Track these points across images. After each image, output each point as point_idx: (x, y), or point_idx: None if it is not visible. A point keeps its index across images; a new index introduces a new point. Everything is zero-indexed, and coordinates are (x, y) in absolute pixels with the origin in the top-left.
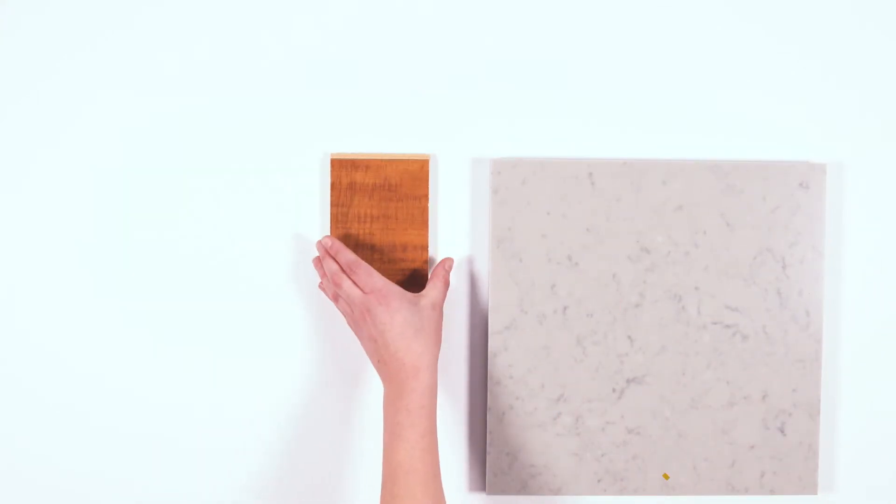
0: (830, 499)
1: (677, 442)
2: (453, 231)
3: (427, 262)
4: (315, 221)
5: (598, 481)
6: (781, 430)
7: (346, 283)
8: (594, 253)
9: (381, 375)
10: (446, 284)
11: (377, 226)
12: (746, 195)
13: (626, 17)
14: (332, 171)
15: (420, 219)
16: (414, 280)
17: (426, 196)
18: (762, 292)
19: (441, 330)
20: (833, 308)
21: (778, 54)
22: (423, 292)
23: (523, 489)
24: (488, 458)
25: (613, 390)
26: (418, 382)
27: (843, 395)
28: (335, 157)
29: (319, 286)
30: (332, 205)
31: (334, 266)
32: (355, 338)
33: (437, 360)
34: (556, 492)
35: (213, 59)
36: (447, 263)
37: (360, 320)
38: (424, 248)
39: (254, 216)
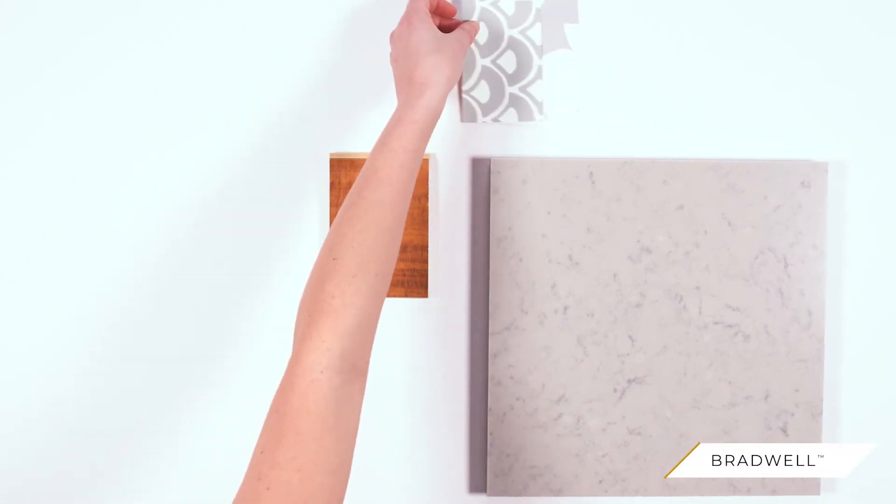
0: (833, 499)
1: (679, 442)
2: (453, 231)
3: (427, 262)
4: (314, 221)
5: (600, 482)
6: (784, 431)
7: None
8: (594, 253)
9: (397, 99)
10: (471, 36)
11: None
12: (747, 194)
13: (627, 16)
14: (331, 171)
15: (420, 219)
16: (414, 280)
17: (426, 196)
18: (763, 292)
19: (460, 62)
20: (835, 307)
21: (778, 53)
22: (452, 32)
23: (524, 490)
24: (489, 459)
25: (614, 390)
26: (420, 99)
27: (845, 394)
28: (334, 157)
29: None
30: (332, 205)
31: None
32: None
33: (447, 86)
34: (558, 493)
35: (213, 59)
36: (473, 22)
37: (391, 45)
38: (424, 248)
39: (253, 216)
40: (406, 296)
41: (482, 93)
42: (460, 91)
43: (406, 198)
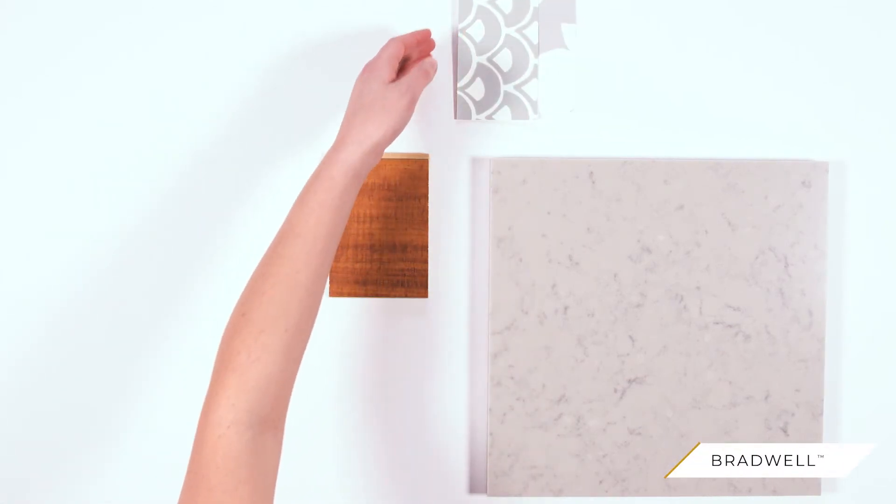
0: (833, 499)
1: (679, 442)
2: (453, 231)
3: (427, 262)
4: None
5: (600, 482)
6: (784, 431)
7: None
8: (595, 252)
9: None
10: (426, 76)
11: (377, 226)
12: (748, 194)
13: (625, 16)
14: None
15: (420, 219)
16: (414, 280)
17: (426, 196)
18: (764, 292)
19: (397, 116)
20: (835, 307)
21: (779, 53)
22: (401, 79)
23: (524, 491)
24: (489, 459)
25: (615, 390)
26: (339, 154)
27: (845, 394)
28: None
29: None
30: None
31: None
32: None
33: (368, 143)
34: (558, 493)
35: (213, 59)
36: (430, 60)
37: None
38: (424, 248)
39: (253, 216)
40: (406, 296)
41: (477, 90)
42: (455, 88)
43: (325, 253)
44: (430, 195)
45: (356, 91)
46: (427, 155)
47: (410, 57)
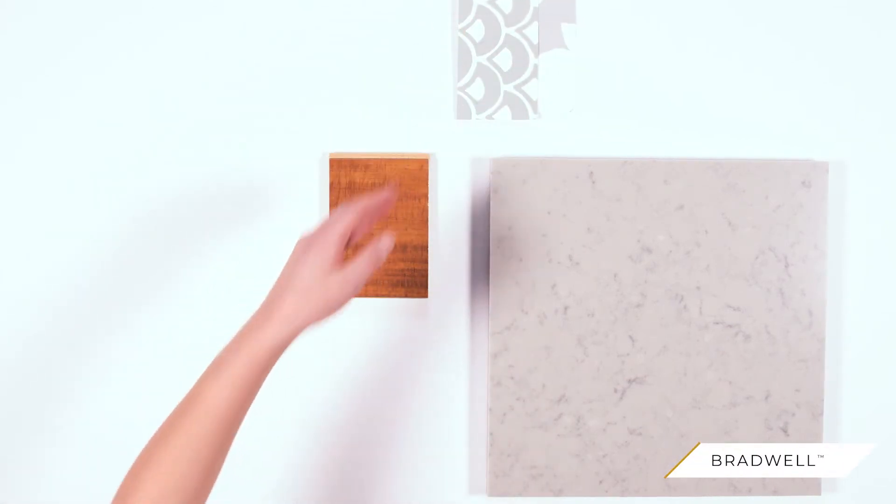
0: (833, 499)
1: (679, 442)
2: (453, 231)
3: (427, 262)
4: (314, 221)
5: (600, 482)
6: (784, 431)
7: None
8: (595, 252)
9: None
10: (374, 264)
11: (377, 226)
12: (748, 194)
13: (626, 16)
14: (331, 171)
15: (420, 219)
16: (414, 280)
17: (426, 196)
18: (764, 292)
19: (335, 305)
20: (836, 307)
21: (779, 52)
22: (348, 267)
23: (524, 491)
24: (489, 459)
25: (615, 390)
26: (262, 332)
27: (845, 394)
28: (334, 157)
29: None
30: (332, 205)
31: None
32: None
33: (301, 324)
34: (558, 493)
35: (213, 59)
36: (385, 243)
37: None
38: (424, 248)
39: (253, 216)
40: (406, 296)
41: (477, 90)
42: (455, 88)
43: (232, 427)
44: (430, 195)
45: (292, 265)
46: (427, 155)
47: (364, 224)
